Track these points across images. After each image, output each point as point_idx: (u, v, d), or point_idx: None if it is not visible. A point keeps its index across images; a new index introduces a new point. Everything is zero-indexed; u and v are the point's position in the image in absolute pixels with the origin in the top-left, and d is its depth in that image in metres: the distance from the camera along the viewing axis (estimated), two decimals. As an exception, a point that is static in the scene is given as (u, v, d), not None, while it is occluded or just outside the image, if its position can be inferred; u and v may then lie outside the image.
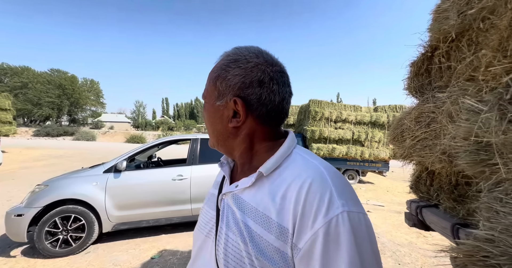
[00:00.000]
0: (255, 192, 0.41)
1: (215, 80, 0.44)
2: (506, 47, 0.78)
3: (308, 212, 0.33)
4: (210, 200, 0.53)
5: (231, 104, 0.43)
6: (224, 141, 0.46)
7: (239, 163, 0.49)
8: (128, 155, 2.97)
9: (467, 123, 0.91)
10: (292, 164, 0.41)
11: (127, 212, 2.83)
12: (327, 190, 0.34)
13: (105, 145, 21.75)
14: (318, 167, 0.39)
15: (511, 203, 0.76)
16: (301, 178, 0.37)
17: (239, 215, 0.41)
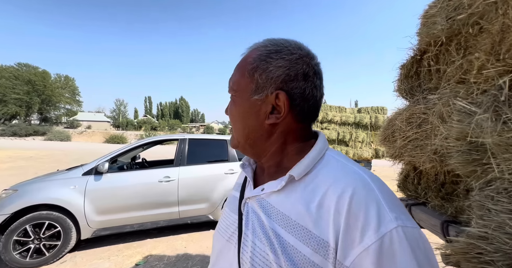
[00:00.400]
0: (285, 197, 0.38)
1: (252, 71, 0.40)
2: (498, 51, 0.81)
3: (353, 225, 0.30)
4: (231, 203, 0.49)
5: (271, 99, 0.39)
6: (255, 139, 0.42)
7: (266, 165, 0.45)
8: (110, 156, 2.79)
9: (459, 124, 0.94)
10: (326, 167, 0.38)
11: (109, 216, 2.65)
12: (373, 200, 0.31)
13: (82, 145, 20.48)
14: (360, 173, 0.35)
15: (502, 201, 0.79)
16: (340, 184, 0.34)
17: (267, 222, 0.37)
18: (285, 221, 0.35)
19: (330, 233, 0.31)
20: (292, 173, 0.38)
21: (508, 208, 0.77)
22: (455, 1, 1.23)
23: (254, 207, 0.41)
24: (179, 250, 2.79)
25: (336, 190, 0.33)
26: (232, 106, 0.43)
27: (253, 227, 0.39)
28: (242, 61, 0.42)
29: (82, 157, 10.52)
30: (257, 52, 0.41)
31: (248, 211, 0.42)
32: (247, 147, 0.44)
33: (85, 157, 10.40)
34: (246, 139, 0.43)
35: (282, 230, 0.35)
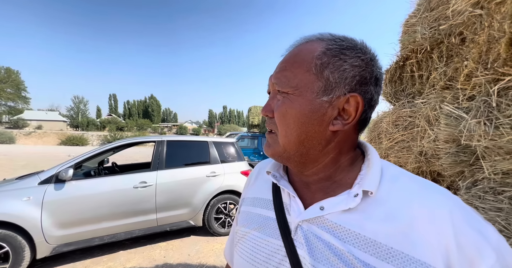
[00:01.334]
0: (363, 216, 0.32)
1: (322, 68, 0.34)
2: (485, 60, 0.87)
3: (466, 244, 0.27)
4: (265, 225, 0.40)
5: (341, 102, 0.34)
6: (310, 148, 0.36)
7: (312, 178, 0.38)
8: (75, 161, 2.43)
9: (447, 128, 1.01)
10: (396, 181, 0.34)
11: (74, 230, 2.32)
12: (470, 213, 0.30)
13: (31, 148, 17.86)
14: (433, 184, 0.33)
15: (489, 200, 0.86)
16: (429, 202, 0.30)
17: (345, 249, 0.31)
18: (373, 246, 0.30)
19: (436, 256, 0.27)
20: (367, 188, 0.33)
21: (495, 206, 0.84)
22: (435, 12, 1.33)
23: (316, 231, 0.34)
24: (158, 260, 2.58)
25: (428, 207, 0.30)
26: (285, 106, 0.35)
27: (327, 258, 0.32)
28: (302, 54, 0.36)
29: (32, 162, 9.17)
30: (324, 45, 0.35)
31: (307, 237, 0.35)
32: (296, 156, 0.37)
33: (36, 162, 9.10)
34: (299, 147, 0.36)
35: (371, 257, 0.30)
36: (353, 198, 0.33)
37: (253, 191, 0.48)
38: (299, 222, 0.36)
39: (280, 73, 0.37)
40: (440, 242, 0.28)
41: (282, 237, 0.36)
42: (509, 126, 0.74)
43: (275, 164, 0.44)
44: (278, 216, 0.39)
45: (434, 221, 0.29)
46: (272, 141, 0.38)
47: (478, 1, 0.93)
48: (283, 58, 0.38)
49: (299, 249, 0.34)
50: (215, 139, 3.49)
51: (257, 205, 0.45)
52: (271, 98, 0.38)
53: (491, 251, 0.27)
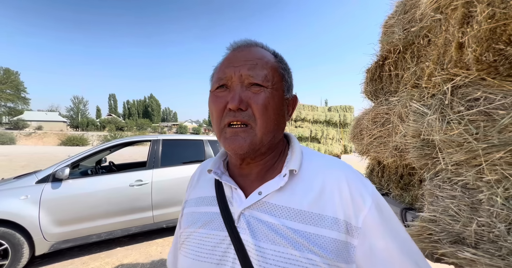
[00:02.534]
0: (290, 193, 0.39)
1: (283, 71, 0.43)
2: (442, 61, 0.95)
3: (355, 197, 0.37)
4: (209, 221, 0.42)
5: (290, 99, 0.45)
6: (276, 138, 0.42)
7: (257, 168, 0.43)
8: (71, 160, 2.51)
9: (414, 124, 1.09)
10: (311, 160, 0.43)
11: (71, 227, 2.40)
12: (359, 177, 0.40)
13: (31, 149, 17.95)
14: (339, 160, 0.43)
15: (446, 189, 0.94)
16: (333, 171, 0.40)
17: (279, 223, 0.37)
18: (299, 215, 0.37)
19: (339, 210, 0.37)
20: (292, 167, 0.39)
21: (450, 194, 0.92)
22: (409, 15, 1.40)
23: (256, 214, 0.39)
24: (154, 256, 2.66)
25: (332, 176, 0.39)
26: (267, 99, 0.38)
27: (266, 235, 0.37)
28: (266, 56, 0.42)
29: (33, 163, 9.25)
30: (274, 54, 0.44)
31: (249, 222, 0.38)
32: (265, 147, 0.40)
33: (36, 163, 9.17)
34: (272, 137, 0.40)
35: (299, 224, 0.36)
36: (282, 178, 0.39)
37: (196, 191, 0.50)
38: (242, 210, 0.39)
39: (256, 68, 0.39)
40: (342, 198, 0.37)
41: (226, 228, 0.39)
42: (457, 121, 0.81)
43: (215, 162, 0.47)
44: (221, 209, 0.41)
45: (339, 183, 0.38)
46: (246, 134, 0.38)
47: (438, 6, 1.01)
48: (244, 54, 0.41)
49: (243, 234, 0.38)
50: (210, 137, 3.56)
51: (201, 204, 0.46)
52: (240, 91, 0.38)
53: (369, 198, 0.37)
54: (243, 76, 0.38)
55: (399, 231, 0.37)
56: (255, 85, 0.38)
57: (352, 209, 0.36)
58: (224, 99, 0.39)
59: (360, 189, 0.38)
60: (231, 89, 0.39)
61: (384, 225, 0.36)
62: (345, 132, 10.99)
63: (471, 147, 0.79)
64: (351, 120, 11.11)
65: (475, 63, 0.76)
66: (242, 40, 0.44)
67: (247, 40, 0.44)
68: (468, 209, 0.82)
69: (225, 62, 0.42)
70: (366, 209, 0.36)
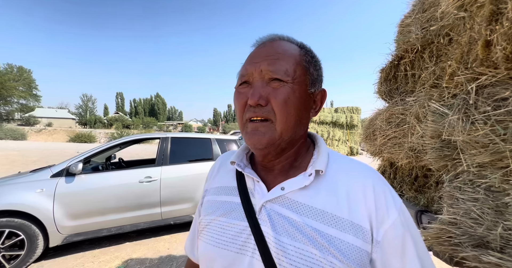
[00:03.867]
0: (314, 192, 0.38)
1: (307, 64, 0.41)
2: (466, 60, 0.93)
3: (380, 207, 0.36)
4: (230, 210, 0.43)
5: (316, 94, 0.43)
6: (297, 133, 0.41)
7: (279, 164, 0.43)
8: (84, 155, 2.57)
9: (433, 124, 1.06)
10: (337, 162, 0.41)
11: (83, 221, 2.45)
12: (386, 186, 0.38)
13: (41, 145, 18.39)
14: (366, 165, 0.41)
15: (468, 191, 0.92)
16: (360, 176, 0.39)
17: (301, 220, 0.37)
18: (322, 215, 0.36)
19: (364, 217, 0.35)
20: (319, 168, 0.39)
21: (472, 196, 0.89)
22: (427, 13, 1.37)
23: (277, 209, 0.39)
24: (162, 252, 2.69)
25: (359, 181, 0.38)
26: (287, 94, 0.38)
27: (286, 230, 0.37)
28: (289, 49, 0.40)
29: (43, 158, 9.49)
30: (299, 46, 0.42)
31: (270, 215, 0.39)
32: (285, 142, 0.40)
33: (47, 158, 9.40)
34: (292, 132, 0.39)
35: (321, 224, 0.36)
36: (308, 177, 0.39)
37: (216, 181, 0.50)
38: (263, 203, 0.40)
39: (276, 63, 0.39)
40: (367, 206, 0.36)
41: (247, 218, 0.40)
42: (482, 122, 0.79)
43: (238, 155, 0.47)
44: (243, 200, 0.42)
45: (364, 190, 0.37)
46: (266, 128, 0.38)
47: (462, 4, 0.98)
48: (266, 49, 0.41)
49: (263, 226, 0.38)
50: (218, 136, 3.58)
51: (222, 193, 0.47)
52: (260, 86, 0.38)
53: (395, 210, 0.36)
54: (263, 71, 0.39)
55: (420, 253, 0.35)
56: (275, 80, 0.38)
57: (375, 219, 0.35)
58: (246, 95, 0.40)
59: (387, 200, 0.36)
60: (252, 85, 0.40)
61: (405, 245, 0.34)
62: (351, 134, 10.88)
63: (497, 148, 0.77)
64: (358, 121, 10.98)
65: (504, 61, 0.74)
66: (266, 36, 0.44)
67: (271, 35, 0.44)
68: (493, 212, 0.80)
69: (248, 59, 0.42)
70: (389, 222, 0.35)
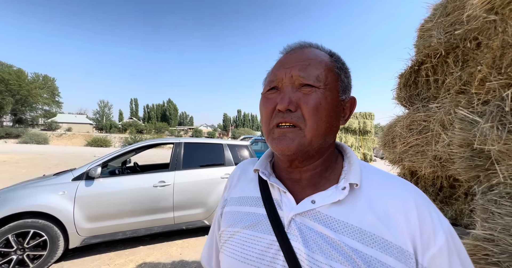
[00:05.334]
0: (349, 208, 0.35)
1: (339, 70, 0.40)
2: (499, 65, 0.88)
3: (426, 229, 0.32)
4: (255, 223, 0.40)
5: (346, 102, 0.41)
6: (327, 141, 0.38)
7: (306, 174, 0.40)
8: (102, 160, 2.66)
9: (462, 132, 1.00)
10: (372, 176, 0.38)
11: (101, 223, 2.51)
12: (430, 205, 0.35)
13: (62, 148, 19.34)
14: (401, 179, 0.38)
15: (505, 205, 0.85)
16: (400, 193, 0.35)
17: (337, 238, 0.34)
18: (359, 234, 0.33)
19: (406, 240, 0.32)
20: (353, 181, 0.36)
21: (511, 211, 0.83)
22: (451, 17, 1.32)
23: (309, 223, 0.36)
24: (175, 257, 2.70)
25: (399, 198, 0.35)
26: (318, 100, 0.36)
27: (320, 247, 0.34)
28: (320, 56, 0.39)
29: (64, 161, 9.94)
30: (328, 53, 0.41)
31: (301, 230, 0.36)
32: (314, 150, 0.37)
33: (67, 161, 9.85)
34: (322, 140, 0.37)
35: (358, 244, 0.33)
36: (341, 191, 0.36)
37: (237, 191, 0.47)
38: (293, 216, 0.37)
39: (307, 68, 0.37)
40: (410, 227, 0.33)
41: (274, 232, 0.37)
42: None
43: (261, 163, 0.45)
44: (269, 212, 0.39)
45: (405, 209, 0.34)
46: (294, 135, 0.36)
47: (492, 7, 0.94)
48: (296, 55, 0.40)
49: (294, 241, 0.35)
50: (230, 141, 3.59)
51: (245, 204, 0.44)
52: (290, 92, 0.37)
53: (442, 233, 0.33)
54: (293, 77, 0.37)
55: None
56: (306, 85, 0.37)
57: (420, 243, 0.32)
58: (274, 100, 0.38)
59: (434, 221, 0.33)
60: (281, 90, 0.38)
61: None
62: (364, 140, 10.58)
63: (539, 160, 0.71)
64: (372, 127, 10.68)
65: (545, 67, 0.69)
66: (295, 43, 0.43)
67: (301, 42, 0.43)
68: (536, 229, 0.73)
69: (277, 65, 0.41)
70: (436, 247, 0.32)
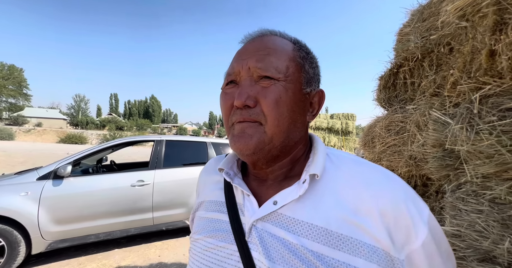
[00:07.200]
0: (312, 205, 0.32)
1: (303, 60, 0.36)
2: (469, 70, 0.92)
3: (405, 223, 0.29)
4: (218, 230, 0.36)
5: (313, 95, 0.37)
6: (291, 139, 0.35)
7: (273, 174, 0.37)
8: (73, 157, 2.47)
9: (435, 133, 1.05)
10: (338, 162, 0.35)
11: (70, 226, 2.34)
12: (408, 191, 0.32)
13: (30, 145, 17.85)
14: (375, 165, 0.34)
15: (472, 202, 0.90)
16: (371, 181, 0.32)
17: (299, 243, 0.30)
18: (325, 236, 0.30)
19: (381, 235, 0.29)
20: (313, 172, 0.32)
21: (476, 208, 0.87)
22: (427, 23, 1.39)
23: (270, 229, 0.32)
24: (153, 259, 2.59)
25: (371, 189, 0.31)
26: (279, 93, 0.32)
27: (282, 256, 0.30)
28: (281, 44, 0.35)
29: (31, 159, 9.18)
30: (293, 41, 0.37)
31: (262, 237, 0.32)
32: (277, 149, 0.34)
33: (35, 159, 9.11)
34: (285, 137, 0.34)
35: (324, 247, 0.29)
36: (302, 185, 0.32)
37: (205, 194, 0.44)
38: (253, 222, 0.33)
39: (266, 59, 0.33)
40: (384, 222, 0.29)
41: (236, 241, 0.34)
42: (487, 132, 0.78)
43: (228, 161, 0.40)
44: (231, 218, 0.36)
45: (378, 201, 0.30)
46: (253, 130, 0.33)
47: (464, 14, 0.98)
48: (255, 45, 0.36)
49: (254, 251, 0.32)
50: (214, 140, 3.52)
51: (210, 209, 0.40)
52: (248, 86, 0.33)
53: (424, 226, 0.29)
54: (251, 69, 0.33)
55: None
56: (264, 78, 0.33)
57: (396, 238, 0.29)
58: (232, 96, 0.34)
59: (412, 213, 0.29)
60: (239, 84, 0.35)
61: (433, 263, 0.30)
62: (346, 140, 10.97)
63: (503, 159, 0.75)
64: (353, 128, 11.10)
65: (510, 71, 0.73)
66: (256, 31, 0.39)
67: (262, 30, 0.38)
68: (499, 225, 0.78)
69: (235, 57, 0.37)
70: (417, 243, 0.29)
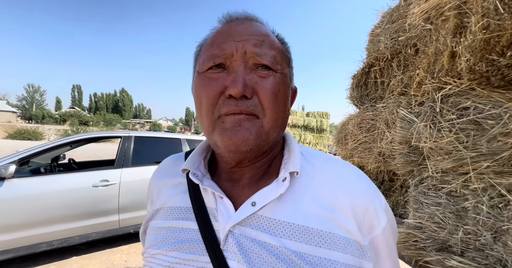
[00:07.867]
0: (294, 204, 0.31)
1: (288, 54, 0.35)
2: (433, 70, 0.97)
3: (370, 213, 0.31)
4: (184, 242, 0.32)
5: (293, 92, 0.37)
6: (279, 134, 0.33)
7: (250, 173, 0.34)
8: (18, 155, 2.13)
9: (401, 130, 1.10)
10: (311, 159, 0.35)
11: (14, 234, 2.02)
12: (371, 185, 0.34)
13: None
14: (347, 165, 0.35)
15: (432, 196, 0.96)
16: (343, 176, 0.33)
17: (281, 245, 0.28)
18: (306, 234, 0.29)
19: (351, 227, 0.30)
20: (293, 169, 0.31)
21: (436, 201, 0.93)
22: (396, 25, 1.45)
23: (250, 233, 0.30)
24: (118, 265, 2.39)
25: (344, 184, 0.32)
26: (278, 85, 0.30)
27: (265, 262, 0.28)
28: (270, 34, 0.33)
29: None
30: (276, 36, 0.35)
31: (241, 244, 0.29)
32: (268, 144, 0.31)
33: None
34: (277, 134, 0.32)
35: (306, 246, 0.28)
36: (282, 183, 0.31)
37: (162, 199, 0.37)
38: (230, 228, 0.30)
39: (263, 45, 0.30)
40: (357, 217, 0.31)
41: (208, 251, 0.30)
42: (448, 129, 0.82)
43: (193, 161, 0.35)
44: (201, 225, 0.31)
45: (350, 197, 0.31)
46: (251, 124, 0.29)
47: (429, 17, 1.03)
48: (246, 27, 0.31)
49: (232, 260, 0.29)
50: (189, 136, 3.36)
51: (170, 217, 0.35)
52: (244, 73, 0.29)
53: (385, 215, 0.32)
54: (247, 54, 0.29)
55: (396, 254, 0.35)
56: (262, 67, 0.30)
57: (363, 226, 0.31)
58: (221, 83, 0.29)
59: (377, 208, 0.32)
60: (231, 70, 0.29)
61: (390, 248, 0.32)
62: (321, 137, 11.42)
63: (460, 155, 0.80)
64: (327, 126, 11.60)
65: (468, 72, 0.78)
66: (239, 12, 0.34)
67: (246, 13, 0.34)
68: (454, 217, 0.83)
69: (220, 36, 0.31)
70: (379, 229, 0.31)
